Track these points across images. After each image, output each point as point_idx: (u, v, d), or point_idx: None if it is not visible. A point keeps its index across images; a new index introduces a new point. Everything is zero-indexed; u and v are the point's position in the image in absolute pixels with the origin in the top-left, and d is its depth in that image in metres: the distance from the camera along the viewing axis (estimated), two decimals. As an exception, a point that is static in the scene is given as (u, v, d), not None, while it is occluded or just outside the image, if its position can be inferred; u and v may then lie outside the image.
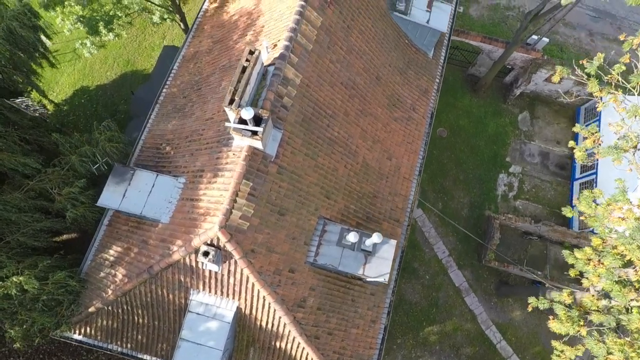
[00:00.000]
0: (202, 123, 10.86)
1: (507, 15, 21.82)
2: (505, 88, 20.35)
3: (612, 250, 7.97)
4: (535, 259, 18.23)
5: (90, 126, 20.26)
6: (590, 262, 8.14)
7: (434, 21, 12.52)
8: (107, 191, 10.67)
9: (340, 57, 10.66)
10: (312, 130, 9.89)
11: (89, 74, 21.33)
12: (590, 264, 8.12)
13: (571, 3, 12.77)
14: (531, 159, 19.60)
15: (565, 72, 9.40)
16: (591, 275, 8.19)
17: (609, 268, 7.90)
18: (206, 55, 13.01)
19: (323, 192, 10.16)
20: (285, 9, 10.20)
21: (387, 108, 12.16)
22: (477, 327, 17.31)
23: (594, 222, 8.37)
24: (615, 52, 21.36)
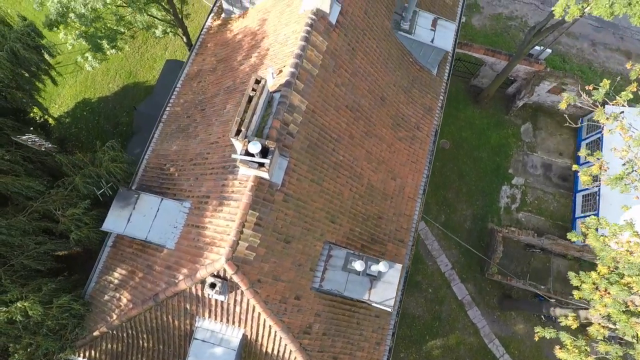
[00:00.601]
0: (206, 146, 10.83)
1: (510, 25, 21.79)
2: (508, 99, 20.33)
3: (619, 279, 7.96)
4: (538, 271, 18.25)
5: (92, 139, 20.33)
6: (596, 290, 8.14)
7: (439, 40, 12.49)
8: (112, 215, 10.65)
9: (346, 80, 10.63)
10: (317, 155, 9.86)
11: (91, 86, 21.29)
12: (596, 294, 8.12)
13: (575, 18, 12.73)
14: (534, 170, 19.60)
15: (571, 99, 9.38)
16: (598, 304, 8.19)
17: (615, 298, 7.90)
18: (210, 74, 12.97)
19: (328, 216, 10.15)
20: (290, 32, 10.16)
21: (391, 128, 12.14)
22: (479, 341, 17.32)
23: (600, 252, 8.37)
24: (617, 62, 21.41)
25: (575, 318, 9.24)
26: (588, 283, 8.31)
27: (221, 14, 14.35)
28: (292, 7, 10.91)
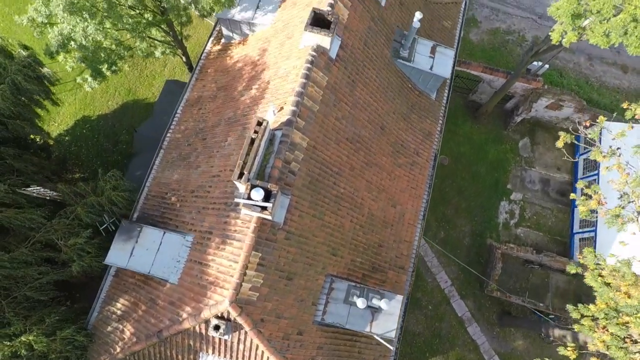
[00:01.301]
0: (208, 179, 10.91)
1: (507, 40, 21.91)
2: (506, 114, 20.46)
3: (617, 316, 8.10)
4: (536, 287, 18.41)
5: (92, 157, 20.39)
6: (596, 326, 8.27)
7: (438, 67, 12.59)
8: (114, 249, 10.73)
9: (346, 113, 10.73)
10: (318, 190, 9.96)
11: (90, 104, 21.31)
12: (596, 332, 8.26)
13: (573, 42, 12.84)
14: (532, 185, 19.74)
15: (568, 137, 9.48)
16: (596, 341, 8.33)
17: (614, 335, 8.04)
18: (210, 101, 13.05)
19: (330, 250, 10.25)
20: (291, 68, 10.24)
21: (391, 155, 12.24)
22: (479, 358, 17.47)
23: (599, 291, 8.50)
24: (614, 76, 21.57)
25: (574, 349, 9.38)
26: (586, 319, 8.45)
27: (221, 39, 14.41)
28: (292, 39, 11.00)
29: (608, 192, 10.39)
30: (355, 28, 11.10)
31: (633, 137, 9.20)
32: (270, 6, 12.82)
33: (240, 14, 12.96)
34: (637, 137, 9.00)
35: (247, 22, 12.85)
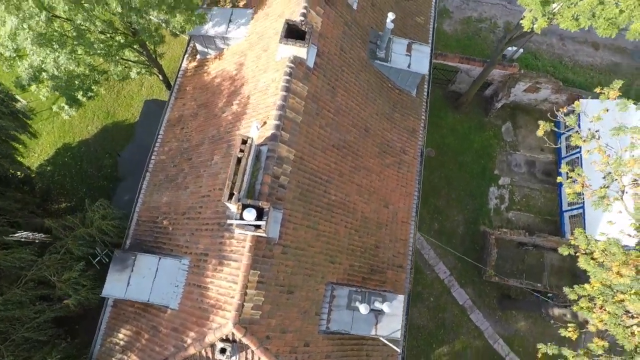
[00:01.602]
0: (198, 199, 10.83)
1: (480, 28, 22.18)
2: (486, 101, 20.73)
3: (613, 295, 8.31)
4: (532, 267, 18.76)
5: (77, 184, 20.02)
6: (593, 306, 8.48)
7: (415, 64, 12.69)
8: (110, 280, 10.58)
9: (330, 120, 10.75)
10: (310, 200, 9.97)
11: (69, 131, 20.91)
12: (593, 312, 8.46)
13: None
14: (518, 169, 20.07)
15: (547, 126, 9.66)
16: (595, 321, 8.53)
17: (612, 313, 8.25)
18: (192, 119, 12.93)
19: (327, 258, 10.28)
20: (270, 81, 10.21)
21: (378, 157, 12.31)
22: (485, 343, 17.74)
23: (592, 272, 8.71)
24: (586, 54, 22.01)
25: (574, 328, 9.59)
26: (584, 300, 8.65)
27: (196, 55, 14.27)
28: (268, 52, 10.96)
29: (592, 172, 10.63)
30: (330, 34, 11.12)
31: (609, 118, 9.40)
32: (242, 19, 12.75)
33: (214, 29, 12.85)
34: (614, 119, 9.20)
35: (221, 36, 12.76)
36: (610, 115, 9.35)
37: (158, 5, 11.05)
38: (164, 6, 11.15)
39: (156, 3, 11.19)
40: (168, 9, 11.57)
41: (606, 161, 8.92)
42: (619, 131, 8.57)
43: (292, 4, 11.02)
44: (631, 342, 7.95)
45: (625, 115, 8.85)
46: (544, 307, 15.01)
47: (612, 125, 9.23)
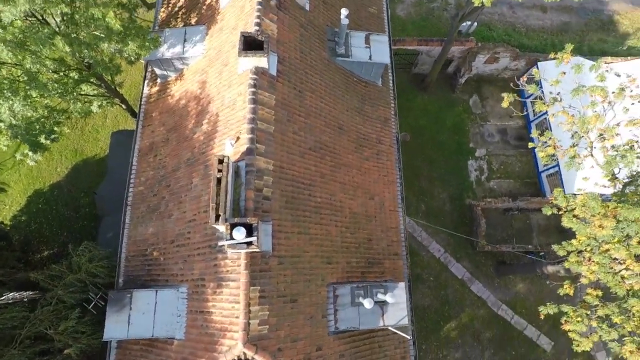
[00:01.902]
0: (185, 225, 10.68)
1: (433, 7, 22.56)
2: (451, 78, 21.14)
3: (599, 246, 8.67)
4: (521, 230, 19.34)
5: (56, 229, 19.42)
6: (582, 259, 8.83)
7: (376, 55, 12.82)
8: (110, 322, 10.34)
9: (302, 125, 10.76)
10: (297, 207, 9.99)
11: (38, 176, 20.23)
12: (583, 265, 8.81)
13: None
14: (491, 138, 20.59)
15: (511, 97, 9.95)
16: (586, 273, 8.89)
17: (601, 263, 8.61)
18: (164, 145, 12.71)
19: (324, 260, 10.33)
20: (236, 95, 10.14)
21: (356, 151, 12.42)
22: (489, 311, 18.22)
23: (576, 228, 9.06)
24: (536, 18, 22.70)
25: (570, 284, 9.96)
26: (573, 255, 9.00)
27: (156, 79, 14.01)
28: (229, 66, 10.87)
29: (560, 132, 11.02)
30: (287, 39, 11.11)
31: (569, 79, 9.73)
32: (197, 36, 12.59)
33: (169, 51, 12.65)
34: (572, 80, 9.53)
35: (178, 57, 12.57)
36: (569, 77, 9.71)
37: (107, 36, 10.79)
38: (114, 36, 10.89)
39: (105, 35, 10.92)
40: (119, 38, 11.32)
41: (571, 121, 9.28)
42: (578, 92, 8.91)
43: (244, 15, 10.96)
44: (622, 288, 8.34)
45: (582, 75, 9.19)
46: (538, 266, 15.52)
47: (572, 86, 9.58)
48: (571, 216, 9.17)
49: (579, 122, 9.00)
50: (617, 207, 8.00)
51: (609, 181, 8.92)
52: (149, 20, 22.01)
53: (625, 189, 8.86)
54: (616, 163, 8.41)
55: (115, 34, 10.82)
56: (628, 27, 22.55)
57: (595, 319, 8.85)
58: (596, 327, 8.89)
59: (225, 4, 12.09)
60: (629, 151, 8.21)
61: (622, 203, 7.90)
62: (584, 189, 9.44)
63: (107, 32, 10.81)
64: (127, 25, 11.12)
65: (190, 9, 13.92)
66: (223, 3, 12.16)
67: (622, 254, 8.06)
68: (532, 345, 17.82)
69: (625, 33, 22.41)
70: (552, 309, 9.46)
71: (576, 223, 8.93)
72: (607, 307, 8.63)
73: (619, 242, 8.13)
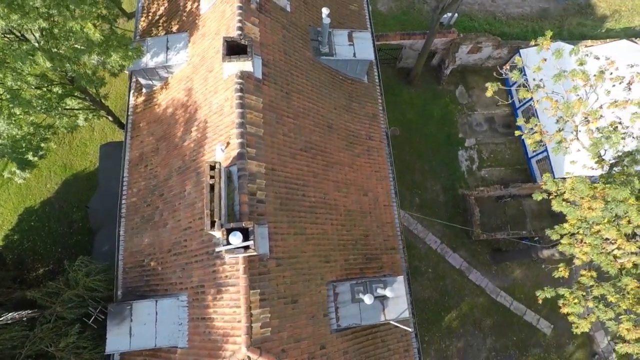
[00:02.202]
0: (180, 233, 10.66)
1: (413, 1, 22.71)
2: (436, 70, 21.31)
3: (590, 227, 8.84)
4: (514, 217, 19.59)
5: (50, 246, 19.22)
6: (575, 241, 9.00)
7: (360, 52, 12.89)
8: (111, 335, 10.29)
9: (291, 126, 10.79)
10: (292, 208, 10.02)
11: (28, 193, 19.99)
12: (576, 247, 8.98)
13: None
14: (480, 127, 20.80)
15: (495, 86, 10.09)
16: (579, 254, 9.07)
17: (593, 244, 8.78)
18: (154, 155, 12.65)
19: (322, 259, 10.39)
20: (223, 101, 10.13)
21: (346, 149, 12.48)
22: (488, 299, 18.43)
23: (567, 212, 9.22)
24: (515, 5, 22.95)
25: (565, 267, 10.13)
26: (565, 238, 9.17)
27: (141, 89, 13.94)
28: (214, 72, 10.86)
29: (546, 118, 11.19)
30: (270, 42, 11.12)
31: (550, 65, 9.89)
32: (180, 43, 12.54)
33: (153, 60, 12.59)
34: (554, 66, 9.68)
35: (162, 66, 12.52)
36: (551, 62, 9.86)
37: (88, 48, 10.70)
38: (95, 47, 10.81)
39: (85, 46, 10.83)
40: (101, 50, 11.24)
41: (556, 107, 9.43)
42: (560, 77, 9.06)
43: (225, 20, 10.94)
44: (614, 267, 8.51)
45: (563, 60, 9.35)
46: (534, 251, 15.75)
47: (554, 72, 9.74)
48: (561, 200, 9.33)
49: (563, 107, 9.16)
50: (605, 188, 8.17)
51: (596, 163, 9.10)
52: (129, 30, 21.88)
53: (612, 169, 9.04)
54: (602, 144, 8.59)
55: (96, 45, 10.74)
56: (605, 9, 22.92)
57: (591, 300, 9.03)
58: (593, 308, 9.07)
59: (206, 10, 12.06)
60: (613, 132, 8.38)
61: (610, 184, 8.07)
62: (572, 172, 9.62)
63: (88, 43, 10.73)
64: (108, 36, 11.03)
65: (171, 16, 13.86)
66: (204, 9, 12.13)
67: (612, 234, 8.23)
68: (532, 329, 18.07)
69: (603, 16, 22.78)
70: (550, 293, 9.63)
71: (566, 207, 9.09)
72: (602, 287, 8.81)
73: (609, 223, 8.30)
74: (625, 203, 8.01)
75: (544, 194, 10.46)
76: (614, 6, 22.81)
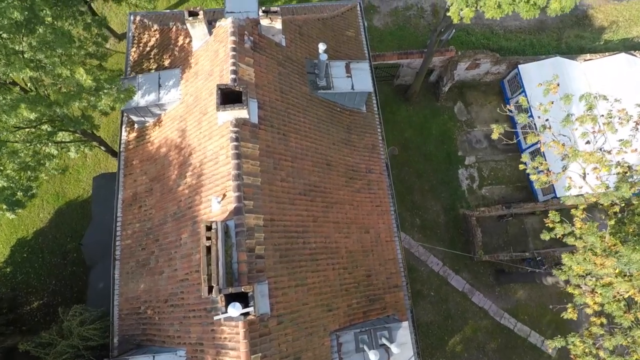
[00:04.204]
0: (177, 284, 10.29)
1: (409, 16, 22.32)
2: (434, 86, 20.97)
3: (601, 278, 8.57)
4: (516, 236, 19.34)
5: (44, 278, 18.78)
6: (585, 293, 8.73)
7: (358, 84, 12.53)
8: (108, 394, 9.92)
9: (290, 170, 10.43)
10: (292, 258, 9.68)
11: (20, 224, 19.52)
12: (586, 297, 8.71)
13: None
14: (479, 145, 20.50)
15: (500, 128, 9.77)
16: (591, 304, 8.80)
17: (604, 295, 8.50)
18: (148, 196, 12.25)
19: (324, 308, 10.06)
20: (218, 148, 9.75)
21: (346, 186, 12.14)
22: (492, 321, 18.19)
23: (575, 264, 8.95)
24: (513, 18, 22.59)
25: (573, 308, 9.87)
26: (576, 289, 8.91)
27: (134, 125, 13.51)
28: (208, 115, 10.46)
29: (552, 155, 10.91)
30: (266, 82, 10.74)
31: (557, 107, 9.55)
32: (171, 80, 12.13)
33: (144, 98, 12.17)
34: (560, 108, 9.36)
35: (155, 104, 12.10)
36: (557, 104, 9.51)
37: (78, 94, 10.28)
38: (85, 94, 10.40)
39: (76, 91, 10.41)
40: (91, 93, 10.82)
41: (563, 150, 9.14)
42: (567, 122, 8.76)
43: (219, 60, 10.55)
44: (628, 319, 8.25)
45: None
46: (538, 277, 15.50)
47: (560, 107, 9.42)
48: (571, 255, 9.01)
49: (571, 154, 8.86)
50: (617, 243, 7.90)
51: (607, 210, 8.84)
52: (120, 51, 21.42)
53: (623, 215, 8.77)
54: (612, 196, 8.32)
55: (86, 91, 10.33)
56: (603, 20, 22.64)
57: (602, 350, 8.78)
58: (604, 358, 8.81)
59: (198, 47, 11.65)
60: (623, 183, 8.09)
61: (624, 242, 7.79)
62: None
63: (78, 88, 10.31)
64: (98, 78, 10.60)
65: (163, 49, 13.42)
66: (196, 46, 11.71)
67: (625, 287, 7.97)
68: (537, 351, 17.87)
69: (600, 27, 22.51)
70: (560, 342, 9.37)
71: (577, 261, 8.80)
72: (614, 338, 8.54)
73: (620, 274, 8.04)
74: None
75: (551, 233, 10.18)
76: (611, 17, 22.54)
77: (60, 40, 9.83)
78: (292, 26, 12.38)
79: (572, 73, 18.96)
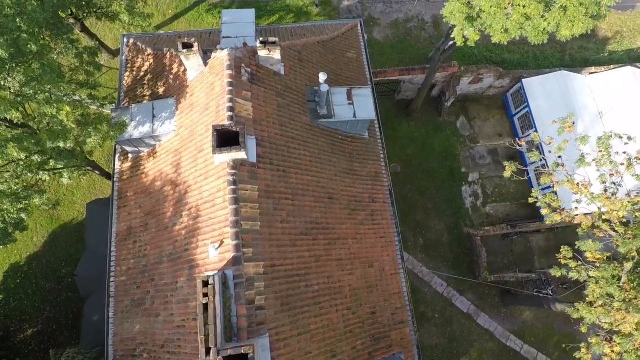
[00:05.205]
0: (173, 330, 9.83)
1: (410, 28, 21.84)
2: (436, 101, 20.51)
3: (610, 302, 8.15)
4: (522, 254, 18.92)
5: (38, 305, 18.29)
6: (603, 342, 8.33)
7: (360, 111, 12.06)
8: None
9: (290, 209, 9.96)
10: (294, 305, 9.22)
11: (13, 249, 19.01)
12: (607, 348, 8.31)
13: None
14: (483, 160, 20.06)
15: (513, 166, 9.32)
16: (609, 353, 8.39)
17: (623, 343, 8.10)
18: (143, 231, 11.77)
19: (328, 355, 9.61)
20: (215, 190, 9.27)
21: (349, 218, 11.68)
22: (498, 343, 17.78)
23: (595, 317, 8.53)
24: (516, 28, 22.08)
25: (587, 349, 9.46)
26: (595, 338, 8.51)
27: (127, 155, 13.02)
28: (204, 152, 9.98)
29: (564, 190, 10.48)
30: (265, 115, 10.26)
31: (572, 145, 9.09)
32: (166, 111, 11.63)
33: (138, 130, 11.68)
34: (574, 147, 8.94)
35: (149, 136, 11.61)
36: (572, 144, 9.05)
37: (63, 134, 9.78)
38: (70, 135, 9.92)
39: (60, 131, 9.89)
40: (81, 130, 10.34)
41: (577, 191, 8.71)
42: (582, 163, 8.33)
43: (215, 95, 10.06)
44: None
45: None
46: (546, 302, 15.08)
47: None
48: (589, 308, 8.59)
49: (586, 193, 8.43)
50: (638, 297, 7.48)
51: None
52: (114, 67, 20.88)
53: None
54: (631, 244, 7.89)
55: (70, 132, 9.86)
56: (607, 31, 22.20)
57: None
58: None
59: (193, 77, 11.15)
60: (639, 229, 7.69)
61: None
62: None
63: (64, 128, 9.83)
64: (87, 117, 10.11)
65: (157, 75, 12.92)
66: (191, 76, 11.21)
67: None
68: (544, 374, 17.47)
69: (605, 38, 22.07)
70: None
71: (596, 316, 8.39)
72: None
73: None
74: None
75: (562, 270, 9.76)
76: (615, 27, 22.09)
77: (49, 77, 9.36)
78: (292, 52, 11.89)
79: (577, 87, 18.50)
